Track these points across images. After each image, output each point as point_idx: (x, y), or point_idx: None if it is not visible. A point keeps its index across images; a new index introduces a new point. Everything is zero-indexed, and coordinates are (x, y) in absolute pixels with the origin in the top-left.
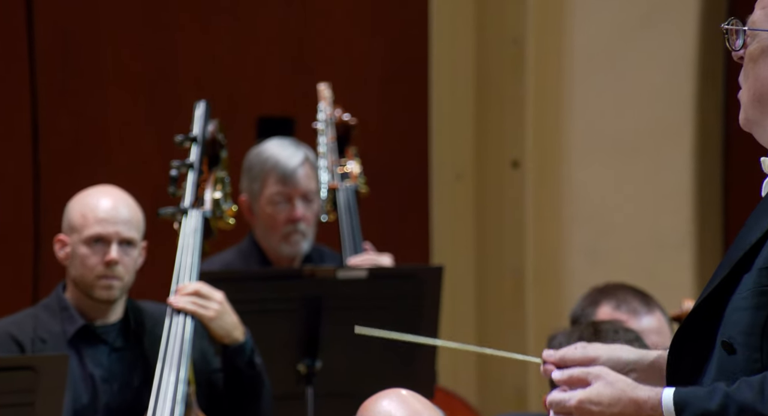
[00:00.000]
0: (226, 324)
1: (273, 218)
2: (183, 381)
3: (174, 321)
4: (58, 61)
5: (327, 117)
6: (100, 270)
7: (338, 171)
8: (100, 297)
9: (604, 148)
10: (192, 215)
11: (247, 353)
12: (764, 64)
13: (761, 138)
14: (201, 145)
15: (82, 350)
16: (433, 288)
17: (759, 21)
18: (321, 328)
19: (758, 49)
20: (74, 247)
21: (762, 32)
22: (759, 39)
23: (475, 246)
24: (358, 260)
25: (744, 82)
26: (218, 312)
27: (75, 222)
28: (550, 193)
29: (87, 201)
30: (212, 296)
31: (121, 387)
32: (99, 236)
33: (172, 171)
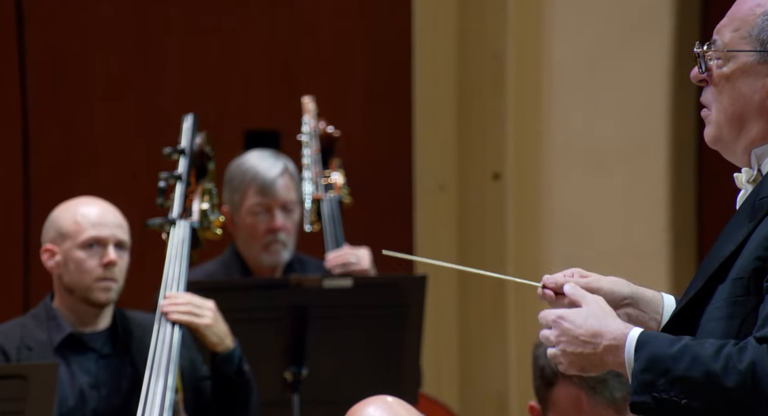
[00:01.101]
0: (220, 331)
1: (253, 228)
2: (171, 388)
3: (162, 329)
4: (49, 75)
5: (311, 129)
6: (98, 272)
7: (322, 182)
8: (98, 300)
9: (582, 161)
10: (180, 226)
11: (236, 360)
12: (744, 84)
13: (731, 156)
14: (189, 157)
15: (69, 358)
16: (417, 297)
17: (733, 43)
18: (307, 336)
19: (737, 70)
20: (67, 254)
21: (740, 53)
22: (737, 60)
23: (457, 255)
24: (336, 256)
25: (716, 102)
26: (213, 319)
27: (67, 230)
28: (530, 203)
29: (76, 209)
30: (204, 304)
31: (109, 394)
32: (96, 239)
33: (160, 182)
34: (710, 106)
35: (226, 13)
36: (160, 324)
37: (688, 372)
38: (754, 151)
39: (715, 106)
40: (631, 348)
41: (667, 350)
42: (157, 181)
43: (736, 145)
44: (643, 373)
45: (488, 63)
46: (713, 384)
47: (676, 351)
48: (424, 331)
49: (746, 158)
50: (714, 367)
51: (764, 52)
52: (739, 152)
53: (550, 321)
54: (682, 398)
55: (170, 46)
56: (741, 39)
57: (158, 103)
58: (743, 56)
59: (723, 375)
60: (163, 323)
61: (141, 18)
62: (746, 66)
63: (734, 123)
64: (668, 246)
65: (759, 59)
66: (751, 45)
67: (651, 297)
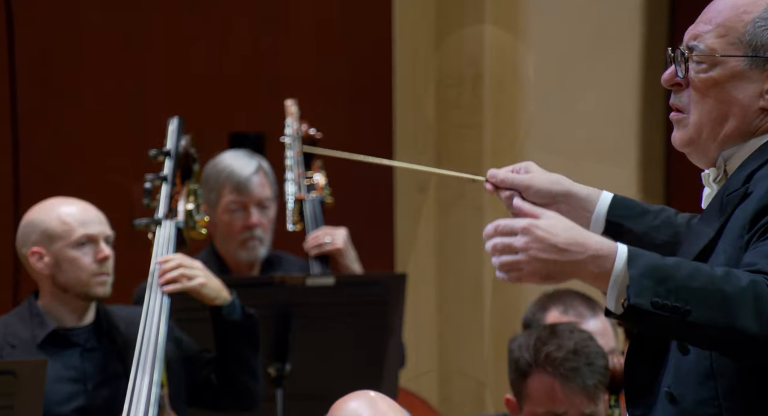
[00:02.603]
0: (215, 286)
1: (230, 226)
2: (156, 383)
3: (147, 324)
4: (38, 78)
5: (294, 132)
6: (94, 268)
7: (305, 183)
8: (96, 295)
9: (555, 164)
10: (165, 225)
11: (238, 307)
12: (735, 88)
13: (701, 158)
14: (174, 159)
15: (53, 353)
16: (397, 295)
17: (722, 49)
18: (290, 333)
19: (727, 75)
20: (59, 254)
21: (730, 58)
22: (726, 65)
23: (436, 255)
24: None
25: (698, 104)
26: (205, 277)
27: (54, 231)
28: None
29: (58, 210)
30: (193, 264)
31: (95, 387)
32: (88, 237)
33: (146, 183)
34: (686, 108)
35: (210, 19)
36: (146, 319)
37: (688, 282)
38: (722, 154)
39: (696, 109)
40: (622, 258)
41: (665, 261)
42: (144, 183)
43: (710, 146)
44: (641, 278)
45: (466, 68)
46: (714, 294)
47: (674, 262)
48: (404, 327)
49: (715, 159)
50: (715, 277)
51: (756, 57)
52: (712, 153)
53: (519, 229)
54: (684, 306)
55: (156, 51)
56: (730, 44)
57: (145, 107)
58: (733, 61)
59: (725, 284)
60: (149, 318)
61: (128, 22)
62: (737, 71)
63: (716, 125)
64: None
65: (751, 64)
66: (741, 50)
67: (585, 194)
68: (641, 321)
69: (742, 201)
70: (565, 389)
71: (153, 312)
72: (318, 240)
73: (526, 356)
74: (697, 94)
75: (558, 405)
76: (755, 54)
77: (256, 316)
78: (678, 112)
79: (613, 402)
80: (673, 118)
